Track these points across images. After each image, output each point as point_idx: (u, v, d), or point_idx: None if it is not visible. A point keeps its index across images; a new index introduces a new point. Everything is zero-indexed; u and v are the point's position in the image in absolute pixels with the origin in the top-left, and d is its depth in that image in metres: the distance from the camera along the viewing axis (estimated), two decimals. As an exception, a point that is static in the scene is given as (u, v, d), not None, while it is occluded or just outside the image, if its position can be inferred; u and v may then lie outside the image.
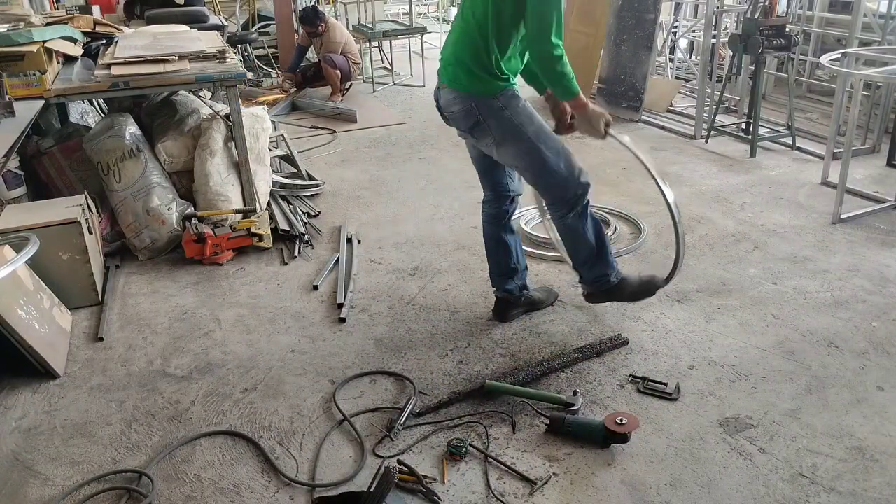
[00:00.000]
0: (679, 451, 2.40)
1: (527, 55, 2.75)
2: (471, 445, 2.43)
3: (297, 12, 8.17)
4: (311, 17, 7.19)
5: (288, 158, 5.09)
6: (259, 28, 8.94)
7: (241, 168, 4.08)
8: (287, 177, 4.88)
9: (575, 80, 2.63)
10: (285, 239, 4.06)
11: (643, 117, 6.34)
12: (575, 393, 2.64)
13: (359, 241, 4.07)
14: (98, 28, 4.65)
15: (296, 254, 3.92)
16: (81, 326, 3.30)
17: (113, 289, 3.61)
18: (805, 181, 4.83)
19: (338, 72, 7.22)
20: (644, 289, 3.08)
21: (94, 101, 5.07)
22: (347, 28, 8.25)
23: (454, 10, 12.90)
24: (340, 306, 3.35)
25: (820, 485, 2.24)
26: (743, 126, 5.76)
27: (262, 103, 6.23)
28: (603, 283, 3.02)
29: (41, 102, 3.57)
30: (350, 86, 7.55)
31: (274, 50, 8.92)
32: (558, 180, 2.77)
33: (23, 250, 2.18)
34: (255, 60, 8.64)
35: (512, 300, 3.17)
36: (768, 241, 3.93)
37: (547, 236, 3.63)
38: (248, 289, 3.61)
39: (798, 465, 2.33)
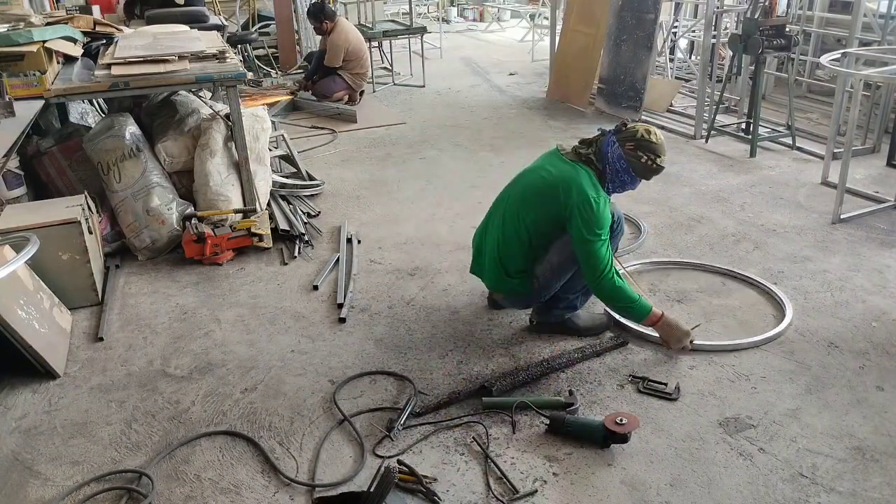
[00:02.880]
0: (679, 451, 2.40)
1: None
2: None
3: (298, 13, 8.15)
4: (315, 12, 7.01)
5: (288, 158, 5.09)
6: (259, 28, 8.94)
7: (241, 168, 4.08)
8: (287, 177, 4.88)
9: (633, 298, 2.84)
10: (285, 239, 4.06)
11: (643, 117, 6.34)
12: (571, 393, 2.64)
13: (359, 241, 4.07)
14: (98, 28, 4.65)
15: (296, 254, 3.92)
16: (81, 326, 3.30)
17: (113, 289, 3.61)
18: (805, 181, 4.83)
19: (338, 93, 6.99)
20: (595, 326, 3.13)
21: (94, 101, 5.07)
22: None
23: (454, 10, 12.92)
24: (340, 306, 3.35)
25: (820, 485, 2.24)
26: (743, 126, 5.76)
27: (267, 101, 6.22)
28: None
29: (41, 102, 3.57)
30: (362, 93, 7.33)
31: (274, 50, 8.92)
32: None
33: (23, 250, 2.18)
34: (256, 60, 8.63)
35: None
36: (768, 241, 3.93)
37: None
38: (248, 289, 3.61)
39: (798, 465, 2.33)
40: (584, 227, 2.78)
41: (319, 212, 4.51)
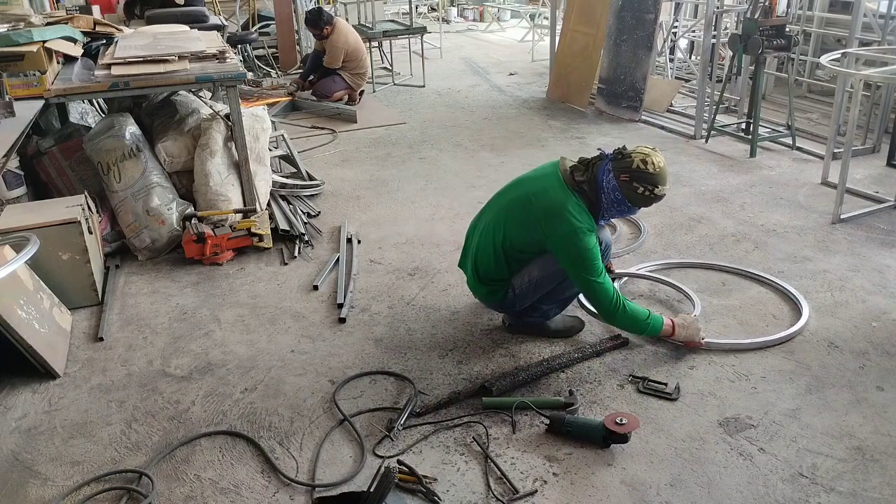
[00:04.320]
0: (679, 451, 2.40)
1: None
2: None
3: (298, 13, 8.13)
4: (314, 20, 6.93)
5: (288, 158, 5.09)
6: (259, 28, 8.95)
7: (241, 168, 4.08)
8: (287, 177, 4.88)
9: (645, 319, 2.82)
10: (285, 239, 4.06)
11: (643, 117, 6.35)
12: (571, 393, 2.64)
13: (359, 241, 4.07)
14: (98, 28, 4.65)
15: (296, 254, 3.92)
16: (81, 326, 3.30)
17: (113, 289, 3.61)
18: (805, 181, 4.83)
19: (338, 93, 7.00)
20: (566, 328, 3.12)
21: (94, 101, 5.07)
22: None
23: (454, 11, 12.91)
24: (340, 306, 3.35)
25: (820, 485, 2.24)
26: (743, 126, 5.76)
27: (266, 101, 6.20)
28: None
29: (41, 102, 3.57)
30: (362, 92, 7.34)
31: (274, 50, 8.92)
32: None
33: (23, 250, 2.18)
34: (255, 60, 8.63)
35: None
36: (768, 241, 3.93)
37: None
38: (248, 289, 3.61)
39: (798, 465, 2.33)
40: (576, 264, 2.74)
41: (319, 212, 4.51)
